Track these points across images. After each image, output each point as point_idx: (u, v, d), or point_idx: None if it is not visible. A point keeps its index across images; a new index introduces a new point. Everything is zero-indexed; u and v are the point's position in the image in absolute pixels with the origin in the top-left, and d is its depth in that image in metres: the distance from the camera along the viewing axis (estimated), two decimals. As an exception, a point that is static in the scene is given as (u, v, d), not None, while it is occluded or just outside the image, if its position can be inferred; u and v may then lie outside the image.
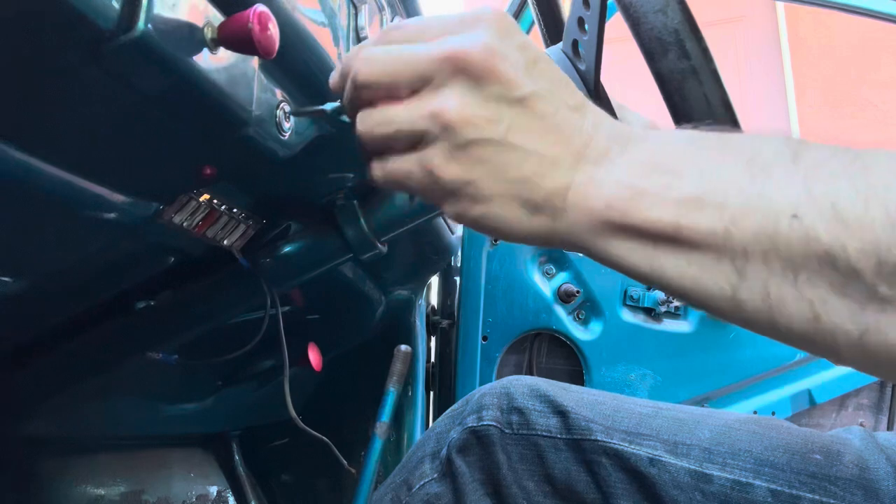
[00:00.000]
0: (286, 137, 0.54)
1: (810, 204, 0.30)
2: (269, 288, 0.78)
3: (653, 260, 0.35)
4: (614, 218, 0.35)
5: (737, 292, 0.32)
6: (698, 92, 0.44)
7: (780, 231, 0.30)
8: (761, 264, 0.31)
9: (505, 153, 0.36)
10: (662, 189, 0.34)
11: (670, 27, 0.40)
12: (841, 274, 0.29)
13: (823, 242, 0.29)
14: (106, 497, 1.07)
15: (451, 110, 0.36)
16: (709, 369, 1.55)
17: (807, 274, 0.30)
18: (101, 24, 0.35)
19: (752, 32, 4.93)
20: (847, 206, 0.29)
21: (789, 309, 0.31)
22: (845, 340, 0.30)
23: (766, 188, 0.31)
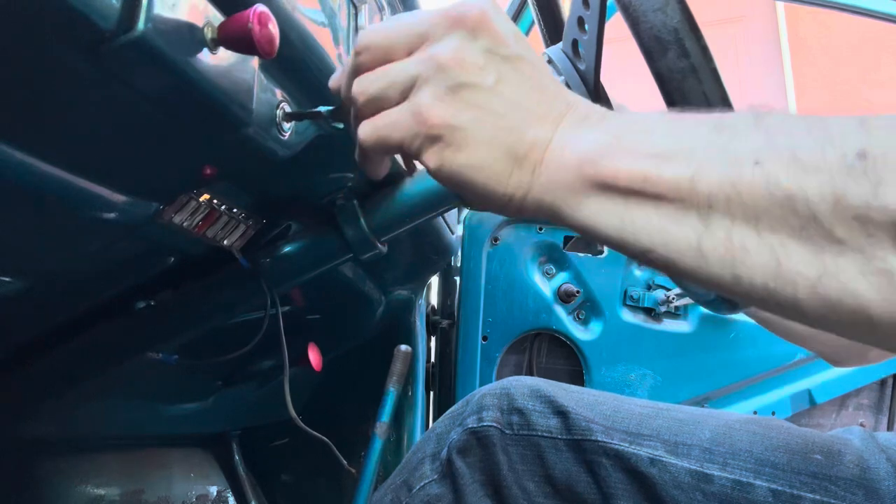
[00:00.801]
0: (286, 137, 0.54)
1: (771, 151, 0.32)
2: (269, 288, 0.78)
3: (623, 215, 0.36)
4: (587, 172, 0.36)
5: (701, 243, 0.33)
6: (698, 91, 0.44)
7: (743, 178, 0.32)
8: (725, 213, 0.32)
9: (493, 100, 0.38)
10: (634, 144, 0.36)
11: (669, 26, 0.40)
12: (800, 218, 0.30)
13: (784, 187, 0.31)
14: (106, 497, 1.07)
15: (445, 52, 0.38)
16: (709, 369, 1.55)
17: (768, 220, 0.31)
18: (101, 24, 0.35)
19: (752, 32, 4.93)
20: (806, 153, 0.31)
21: (752, 258, 0.32)
22: (804, 286, 0.31)
23: (731, 141, 0.33)
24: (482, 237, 1.48)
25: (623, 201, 0.36)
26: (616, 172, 0.35)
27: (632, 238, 0.36)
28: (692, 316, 1.55)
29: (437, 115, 0.38)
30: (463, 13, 0.39)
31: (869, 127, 0.30)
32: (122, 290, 0.76)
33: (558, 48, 0.64)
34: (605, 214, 0.36)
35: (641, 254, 0.36)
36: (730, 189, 0.32)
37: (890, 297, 0.29)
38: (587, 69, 0.60)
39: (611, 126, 0.37)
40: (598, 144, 0.37)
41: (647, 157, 0.35)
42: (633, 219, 0.35)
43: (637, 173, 0.35)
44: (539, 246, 1.51)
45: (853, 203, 0.29)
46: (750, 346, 1.54)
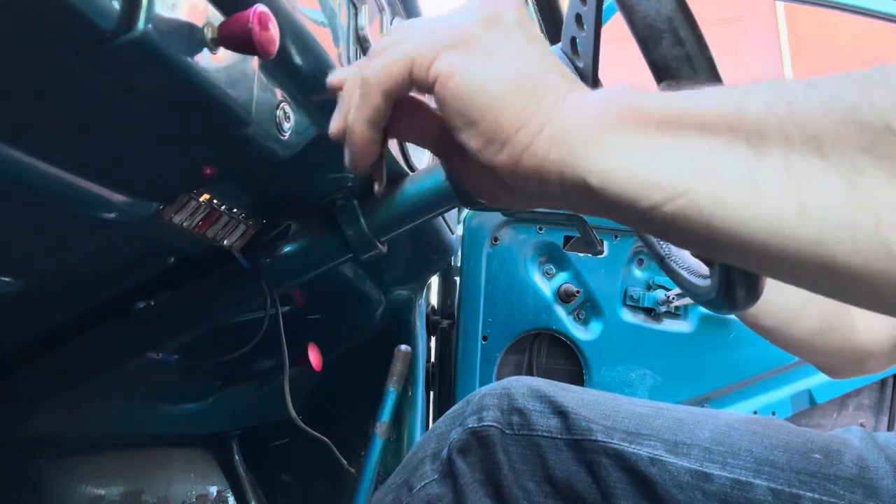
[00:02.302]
0: (286, 137, 0.54)
1: (824, 79, 0.28)
2: (269, 288, 0.78)
3: (652, 152, 0.30)
4: (617, 106, 0.32)
5: (754, 174, 0.28)
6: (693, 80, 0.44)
7: (797, 98, 0.28)
8: (780, 137, 0.27)
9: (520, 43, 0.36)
10: (662, 97, 0.32)
11: (664, 14, 0.40)
12: (870, 131, 0.26)
13: (844, 100, 0.27)
14: (106, 497, 1.07)
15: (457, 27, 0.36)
16: (709, 369, 1.55)
17: (833, 137, 0.27)
18: (101, 24, 0.35)
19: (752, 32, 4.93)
20: (862, 74, 0.27)
21: (818, 183, 0.27)
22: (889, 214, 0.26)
23: (772, 82, 0.29)
24: (482, 237, 1.48)
25: (655, 135, 0.30)
26: (650, 106, 0.31)
27: (658, 179, 0.30)
28: (692, 316, 1.55)
29: (458, 27, 0.36)
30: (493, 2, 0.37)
31: None
32: (122, 290, 0.76)
33: (557, 47, 0.65)
34: (631, 154, 0.31)
35: (668, 200, 0.30)
36: (784, 111, 0.28)
37: None
38: (585, 66, 0.60)
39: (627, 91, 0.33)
40: (627, 91, 0.33)
41: (684, 98, 0.31)
42: (665, 155, 0.30)
43: (675, 107, 0.30)
44: (539, 246, 1.51)
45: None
46: (750, 346, 1.54)
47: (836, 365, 0.76)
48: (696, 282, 0.56)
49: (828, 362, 0.77)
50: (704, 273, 0.55)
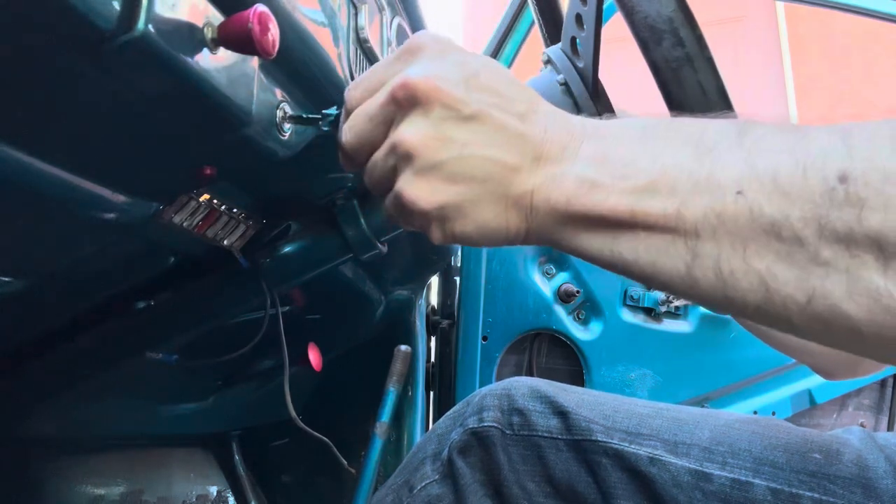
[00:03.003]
0: (286, 137, 0.54)
1: (753, 179, 0.32)
2: (269, 288, 0.78)
3: (613, 246, 0.37)
4: (576, 211, 0.37)
5: (691, 270, 0.34)
6: (693, 80, 0.44)
7: (727, 208, 0.32)
8: (712, 242, 0.33)
9: (468, 164, 0.39)
10: (617, 180, 0.36)
11: (664, 15, 0.40)
12: (785, 243, 0.30)
13: (767, 214, 0.31)
14: (106, 497, 1.07)
15: (406, 139, 0.39)
16: (709, 369, 1.55)
17: (754, 246, 0.31)
18: (101, 25, 0.35)
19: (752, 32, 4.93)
20: (787, 177, 0.31)
21: (740, 282, 0.32)
22: (795, 308, 0.31)
23: (713, 169, 0.33)
24: (482, 237, 1.48)
25: (612, 234, 0.36)
26: (602, 209, 0.36)
27: (623, 266, 0.37)
28: (692, 316, 1.55)
29: (424, 201, 0.40)
30: (406, 90, 0.39)
31: (851, 144, 0.30)
32: (122, 290, 0.76)
33: (558, 48, 0.65)
34: (599, 245, 0.37)
35: (638, 278, 0.37)
36: (715, 220, 0.32)
37: (878, 316, 0.29)
38: (585, 66, 0.60)
39: (588, 158, 0.37)
40: (581, 183, 0.37)
41: (632, 193, 0.35)
42: (622, 249, 0.36)
43: (623, 209, 0.35)
44: (539, 246, 1.51)
45: (836, 227, 0.29)
46: (750, 346, 1.54)
47: (831, 366, 0.77)
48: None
49: (824, 364, 0.77)
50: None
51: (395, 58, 0.42)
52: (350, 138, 0.44)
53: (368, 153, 0.43)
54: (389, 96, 0.40)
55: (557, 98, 0.62)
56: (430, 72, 0.39)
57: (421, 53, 0.40)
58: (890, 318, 0.29)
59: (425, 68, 0.39)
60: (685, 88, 0.45)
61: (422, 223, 0.41)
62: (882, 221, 0.28)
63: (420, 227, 0.42)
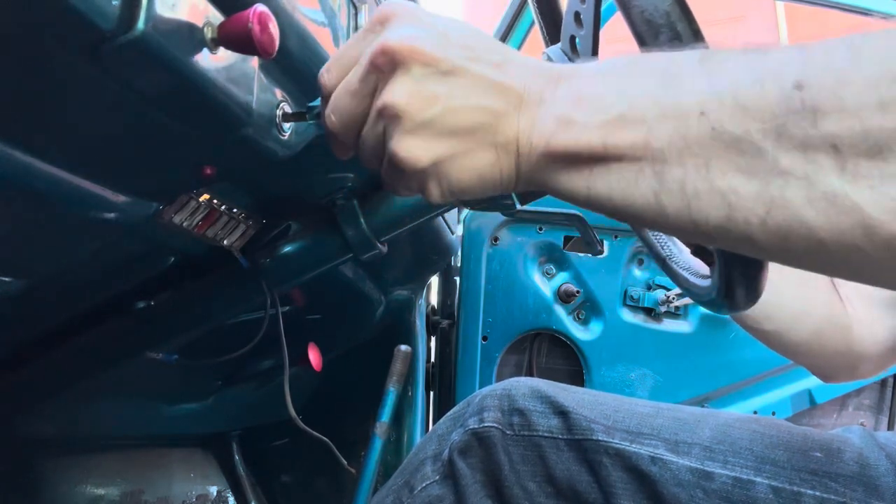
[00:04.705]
0: (286, 137, 0.54)
1: (714, 98, 0.33)
2: (269, 288, 0.78)
3: (589, 182, 0.38)
4: (555, 150, 0.38)
5: (659, 197, 0.35)
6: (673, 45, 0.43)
7: (691, 130, 0.33)
8: (677, 165, 0.34)
9: (456, 116, 0.40)
10: (590, 116, 0.37)
11: (661, 9, 0.40)
12: (746, 156, 0.32)
13: (728, 130, 0.32)
14: (106, 497, 1.07)
15: (392, 101, 0.40)
16: (709, 369, 1.55)
17: (717, 164, 0.33)
18: (101, 25, 0.35)
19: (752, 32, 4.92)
20: (746, 91, 0.32)
21: (704, 203, 0.33)
22: (756, 221, 0.32)
23: (677, 94, 0.34)
24: (482, 237, 1.48)
25: (588, 169, 0.38)
26: (578, 144, 0.37)
27: (598, 201, 0.38)
28: (692, 316, 1.55)
29: (419, 158, 0.40)
30: (385, 54, 0.40)
31: (806, 54, 0.31)
32: (122, 290, 0.76)
33: (557, 48, 0.64)
34: (577, 182, 0.39)
35: (613, 213, 0.38)
36: (680, 143, 0.34)
37: (835, 219, 0.30)
38: (585, 66, 0.60)
39: (564, 98, 0.39)
40: (557, 122, 0.38)
41: (603, 126, 0.36)
42: (597, 184, 0.37)
43: (596, 142, 0.37)
44: (539, 246, 1.51)
45: (794, 133, 0.30)
46: (750, 347, 1.54)
47: (831, 368, 0.77)
48: (696, 282, 0.56)
49: (824, 366, 0.77)
50: (705, 273, 0.55)
51: (365, 31, 0.43)
52: (335, 120, 0.44)
53: (357, 131, 0.44)
54: (369, 65, 0.41)
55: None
56: (405, 34, 0.40)
57: (392, 21, 0.42)
58: (848, 219, 0.30)
59: (399, 32, 0.40)
60: None
61: (419, 183, 0.42)
62: (837, 124, 0.29)
63: (418, 188, 0.43)
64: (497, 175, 0.41)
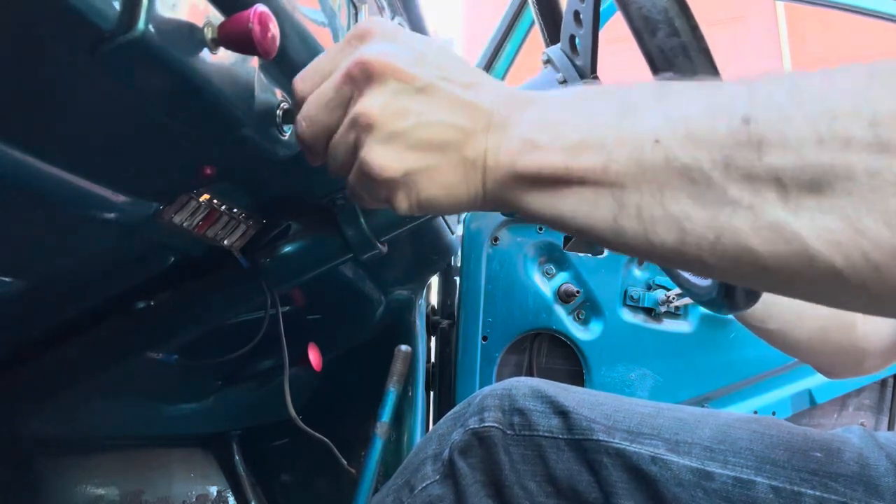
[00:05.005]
0: (286, 137, 0.54)
1: (668, 128, 0.34)
2: (269, 288, 0.78)
3: (553, 203, 0.40)
4: (520, 171, 0.40)
5: (617, 220, 0.37)
6: (689, 70, 0.43)
7: (646, 157, 0.35)
8: (634, 191, 0.36)
9: (427, 131, 0.41)
10: (554, 139, 0.39)
11: (659, 5, 0.40)
12: (697, 185, 0.33)
13: (680, 159, 0.34)
14: (106, 497, 1.07)
15: (366, 111, 0.41)
16: (709, 369, 1.55)
17: (670, 191, 0.34)
18: (101, 25, 0.35)
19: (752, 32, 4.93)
20: (697, 123, 0.33)
21: (659, 227, 0.35)
22: (707, 246, 0.34)
23: (634, 123, 0.36)
24: (482, 237, 1.48)
25: (551, 190, 0.39)
26: (542, 167, 0.39)
27: (562, 221, 0.40)
28: (692, 316, 1.55)
29: (390, 169, 0.42)
30: (362, 66, 0.42)
31: (754, 89, 0.33)
32: (122, 290, 0.76)
33: (557, 47, 0.65)
34: (541, 203, 0.40)
35: (576, 233, 0.40)
36: (636, 169, 0.35)
37: (779, 247, 0.31)
38: (584, 64, 0.60)
39: (530, 121, 0.40)
40: (522, 144, 0.40)
41: (566, 150, 0.38)
42: (560, 205, 0.39)
43: (559, 165, 0.38)
44: (539, 246, 1.51)
45: (741, 164, 0.32)
46: (750, 346, 1.54)
47: (834, 365, 0.77)
48: (696, 282, 0.56)
49: (827, 363, 0.77)
50: (705, 273, 0.55)
51: (343, 44, 0.45)
52: (305, 127, 0.45)
53: (327, 139, 0.45)
54: (345, 75, 0.42)
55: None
56: (382, 50, 0.42)
57: (370, 37, 0.43)
58: (790, 248, 0.31)
59: (377, 48, 0.42)
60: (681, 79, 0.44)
61: (388, 192, 0.43)
62: (780, 157, 0.31)
63: (386, 198, 0.44)
64: (464, 191, 0.43)
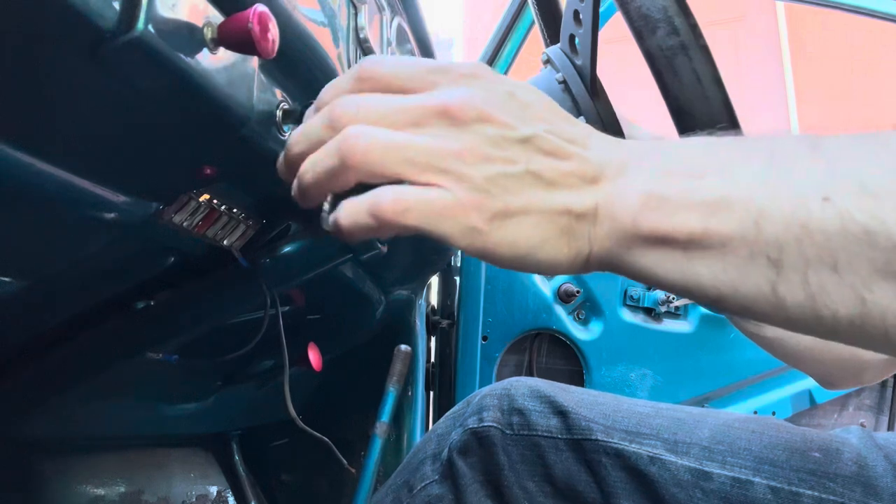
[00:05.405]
0: (286, 137, 0.54)
1: (838, 185, 0.29)
2: (269, 288, 0.78)
3: (685, 268, 0.33)
4: (642, 229, 0.34)
5: (776, 288, 0.31)
6: (688, 68, 0.43)
7: (813, 216, 0.29)
8: (797, 255, 0.30)
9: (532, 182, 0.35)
10: (686, 193, 0.33)
11: (658, 4, 0.40)
12: (882, 251, 0.28)
13: (859, 221, 0.29)
14: (106, 497, 1.07)
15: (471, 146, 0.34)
16: (709, 369, 1.55)
17: (846, 257, 0.29)
18: (101, 25, 0.35)
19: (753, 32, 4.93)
20: (876, 181, 0.29)
21: (833, 297, 0.30)
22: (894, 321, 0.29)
23: (792, 177, 0.31)
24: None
25: (683, 253, 0.33)
26: (672, 227, 0.33)
27: (698, 289, 0.34)
28: (692, 316, 1.55)
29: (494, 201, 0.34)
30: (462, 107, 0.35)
31: None
32: (122, 290, 0.76)
33: (557, 47, 0.65)
34: (670, 267, 0.34)
35: (714, 302, 0.34)
36: (799, 231, 0.30)
37: None
38: (584, 63, 0.60)
39: (653, 171, 0.35)
40: (647, 197, 0.34)
41: (702, 207, 0.32)
42: (696, 271, 0.33)
43: (695, 227, 0.32)
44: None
45: None
46: (750, 346, 1.53)
47: (833, 375, 0.76)
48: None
49: (826, 373, 0.77)
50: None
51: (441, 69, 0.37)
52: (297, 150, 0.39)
53: None
54: (437, 106, 0.35)
55: (557, 96, 0.62)
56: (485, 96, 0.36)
57: (470, 79, 0.37)
58: None
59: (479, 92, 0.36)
60: (680, 77, 0.44)
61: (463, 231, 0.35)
62: None
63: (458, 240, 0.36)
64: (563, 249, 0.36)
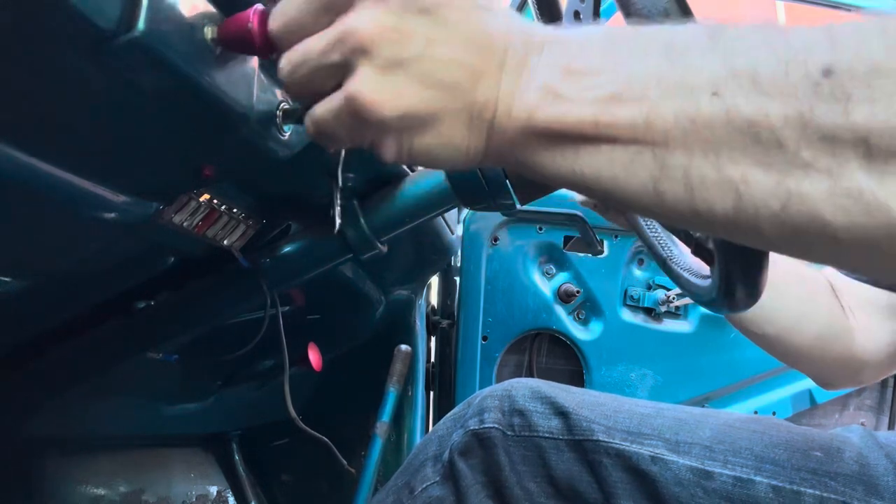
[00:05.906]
0: (286, 137, 0.54)
1: (729, 79, 0.29)
2: (269, 288, 0.78)
3: (575, 163, 0.34)
4: (537, 125, 0.34)
5: (658, 184, 0.32)
6: None
7: (701, 111, 0.30)
8: (682, 150, 0.30)
9: (430, 67, 0.34)
10: (581, 90, 0.33)
11: (659, 5, 0.40)
12: (763, 145, 0.29)
13: (745, 115, 0.29)
14: (106, 497, 1.07)
15: (361, 28, 0.34)
16: (709, 369, 1.55)
17: (728, 152, 0.29)
18: (101, 24, 0.35)
19: (752, 32, 4.92)
20: (767, 74, 0.29)
21: (710, 193, 0.30)
22: (767, 214, 0.29)
23: (685, 71, 0.31)
24: (482, 237, 1.48)
25: (574, 149, 0.34)
26: (565, 121, 0.33)
27: (584, 184, 0.35)
28: (692, 316, 1.54)
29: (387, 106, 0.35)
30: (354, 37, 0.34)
31: (835, 37, 0.28)
32: (122, 290, 0.76)
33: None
34: (560, 163, 0.35)
35: (599, 196, 0.35)
36: (687, 125, 0.30)
37: (857, 218, 0.28)
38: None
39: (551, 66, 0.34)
40: (543, 94, 0.34)
41: (597, 104, 0.32)
42: (585, 165, 0.34)
43: (587, 120, 0.33)
44: (539, 246, 1.51)
45: (820, 124, 0.27)
46: (750, 346, 1.52)
47: (832, 375, 0.76)
48: (696, 282, 0.56)
49: (825, 372, 0.76)
50: (705, 273, 0.55)
51: None
52: (278, 23, 0.38)
53: (298, 40, 0.37)
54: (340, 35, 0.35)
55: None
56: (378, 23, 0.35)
57: None
58: (870, 219, 0.27)
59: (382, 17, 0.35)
60: None
61: (375, 136, 0.37)
62: (869, 116, 0.27)
63: (371, 142, 0.37)
64: (463, 143, 0.36)
